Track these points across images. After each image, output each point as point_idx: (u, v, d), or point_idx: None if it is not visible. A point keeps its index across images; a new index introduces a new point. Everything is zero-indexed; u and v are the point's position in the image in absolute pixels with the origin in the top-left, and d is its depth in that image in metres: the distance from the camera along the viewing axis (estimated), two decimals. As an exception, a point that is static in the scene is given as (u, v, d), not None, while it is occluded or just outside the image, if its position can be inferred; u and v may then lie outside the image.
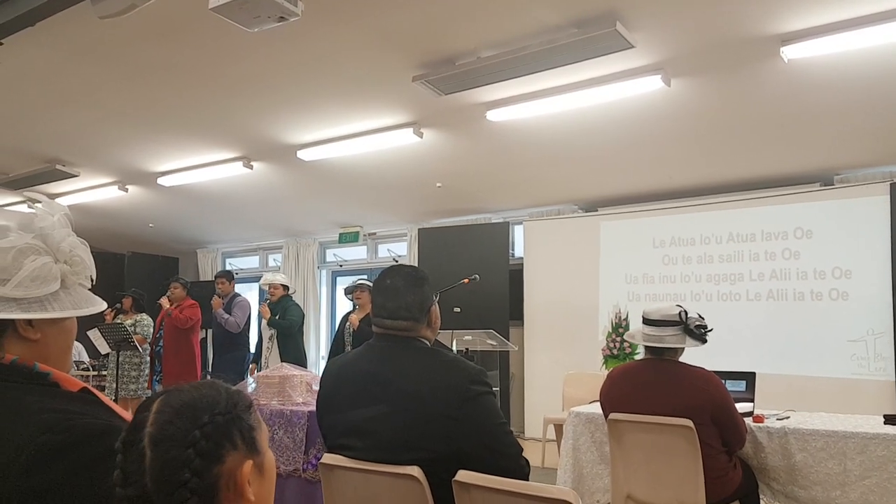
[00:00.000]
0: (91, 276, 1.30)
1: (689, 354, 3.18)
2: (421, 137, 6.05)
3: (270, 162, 7.13)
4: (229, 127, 6.25)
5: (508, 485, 1.79)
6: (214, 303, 7.05)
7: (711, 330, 3.21)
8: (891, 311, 5.95)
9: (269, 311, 6.56)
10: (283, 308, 6.57)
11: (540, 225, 8.12)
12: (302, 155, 6.66)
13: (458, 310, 7.27)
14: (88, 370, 8.69)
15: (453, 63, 4.72)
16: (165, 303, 7.28)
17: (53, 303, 1.21)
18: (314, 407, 2.27)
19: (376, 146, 6.33)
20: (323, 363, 9.87)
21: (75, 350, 8.54)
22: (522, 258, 8.18)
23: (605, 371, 5.51)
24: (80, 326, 1.34)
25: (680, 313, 3.14)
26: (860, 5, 3.91)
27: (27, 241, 1.20)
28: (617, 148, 6.23)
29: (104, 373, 8.14)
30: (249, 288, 10.70)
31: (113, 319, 7.29)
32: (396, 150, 6.46)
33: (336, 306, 10.56)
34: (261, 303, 6.77)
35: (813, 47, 4.25)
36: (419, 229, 8.85)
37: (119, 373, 7.05)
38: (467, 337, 5.67)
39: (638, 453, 3.14)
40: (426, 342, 2.16)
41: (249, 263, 11.42)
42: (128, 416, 1.24)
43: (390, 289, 2.14)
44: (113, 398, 6.81)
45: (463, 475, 1.86)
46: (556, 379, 6.55)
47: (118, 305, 7.47)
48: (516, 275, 8.05)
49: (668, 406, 2.99)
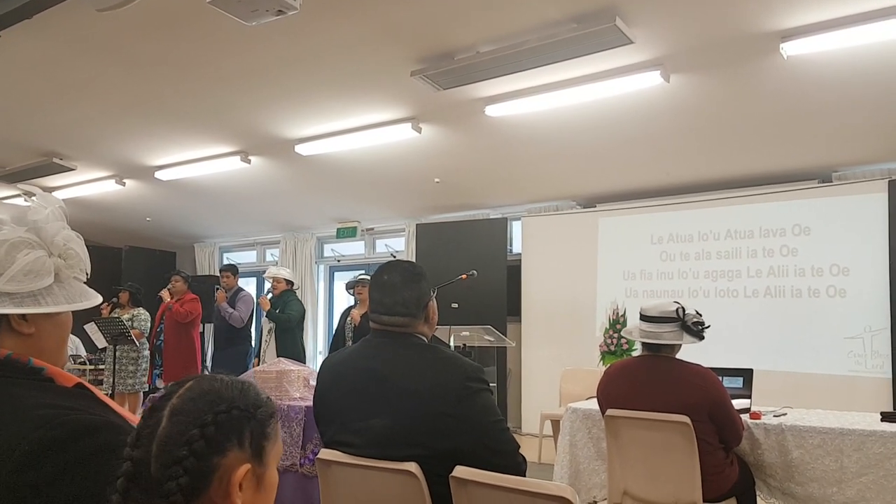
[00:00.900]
0: (86, 270, 1.29)
1: (687, 351, 3.18)
2: (419, 132, 6.03)
3: (268, 156, 7.11)
4: (227, 121, 6.23)
5: (505, 481, 1.79)
6: (219, 296, 7.03)
7: (709, 326, 3.21)
8: (888, 309, 5.95)
9: (269, 304, 6.55)
10: (284, 303, 6.56)
11: (538, 221, 8.11)
12: (300, 149, 6.64)
13: (456, 305, 7.27)
14: (85, 364, 8.68)
15: (452, 58, 4.71)
16: (166, 296, 7.26)
17: (47, 297, 1.20)
18: (311, 402, 2.26)
19: (374, 141, 6.32)
20: (320, 358, 9.87)
21: (72, 344, 8.53)
22: (520, 254, 8.18)
23: (603, 367, 5.51)
24: (77, 320, 1.33)
25: (677, 310, 3.14)
26: (860, 2, 3.89)
27: (20, 235, 1.19)
28: (615, 144, 6.22)
29: (101, 367, 8.13)
30: (247, 282, 10.71)
31: (110, 314, 7.28)
32: (395, 146, 6.45)
33: (334, 301, 10.55)
34: (263, 295, 6.75)
35: (812, 44, 4.25)
36: (417, 225, 8.84)
37: (116, 367, 7.04)
38: (465, 333, 5.68)
39: (635, 450, 3.14)
40: (423, 338, 2.15)
41: (247, 258, 11.40)
42: (123, 412, 1.24)
43: (387, 284, 2.13)
44: (110, 393, 6.80)
45: (460, 471, 1.86)
46: (554, 375, 6.56)
47: (115, 300, 7.46)
48: (514, 271, 8.05)
49: (665, 402, 2.99)
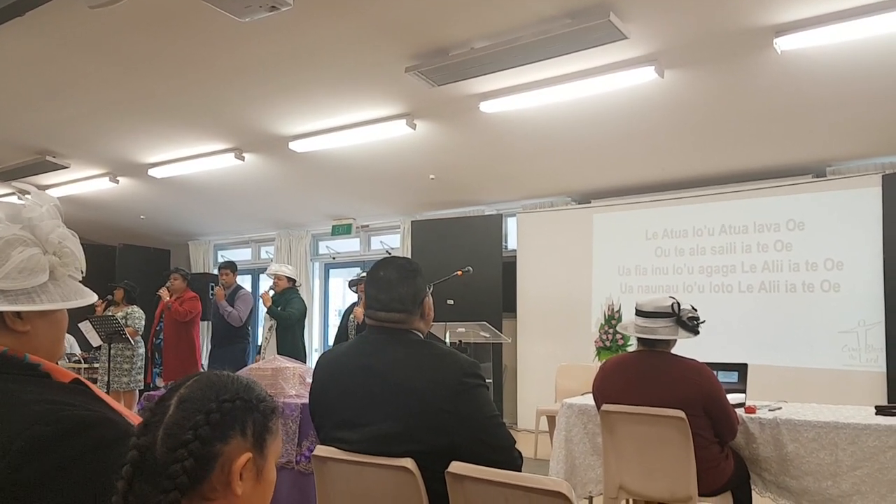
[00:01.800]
0: (81, 269, 1.29)
1: (682, 346, 3.18)
2: (414, 129, 6.03)
3: (262, 153, 7.10)
4: (221, 118, 6.21)
5: (502, 476, 1.79)
6: (218, 294, 7.00)
7: (704, 322, 3.21)
8: (882, 303, 5.98)
9: (271, 300, 6.53)
10: (286, 300, 6.54)
11: (533, 217, 8.12)
12: (294, 146, 6.63)
13: (452, 302, 7.27)
14: (80, 363, 8.66)
15: (446, 54, 4.70)
16: (165, 294, 7.21)
17: (42, 295, 1.20)
18: (307, 399, 2.26)
19: (369, 138, 6.31)
20: (316, 356, 9.86)
21: (67, 342, 8.49)
22: (515, 250, 8.18)
23: (598, 363, 5.52)
24: (72, 319, 1.33)
25: (672, 305, 3.14)
26: (853, -3, 3.91)
27: (14, 233, 1.19)
28: (610, 139, 6.23)
29: (96, 365, 8.11)
30: (242, 280, 10.67)
31: (104, 311, 7.26)
32: (389, 142, 6.44)
33: (329, 299, 10.55)
34: (265, 291, 6.72)
35: (806, 38, 4.25)
36: (412, 221, 8.84)
37: (111, 365, 7.02)
38: (460, 329, 5.68)
39: (630, 444, 3.15)
40: (419, 334, 2.15)
41: (242, 256, 11.37)
42: (120, 408, 1.24)
43: (383, 281, 2.13)
44: (105, 391, 6.78)
45: (456, 467, 1.86)
46: (549, 371, 6.57)
47: (109, 297, 7.43)
48: (509, 267, 8.06)
49: (661, 397, 3.00)
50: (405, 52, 4.74)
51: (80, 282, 1.30)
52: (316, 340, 10.27)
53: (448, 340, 5.45)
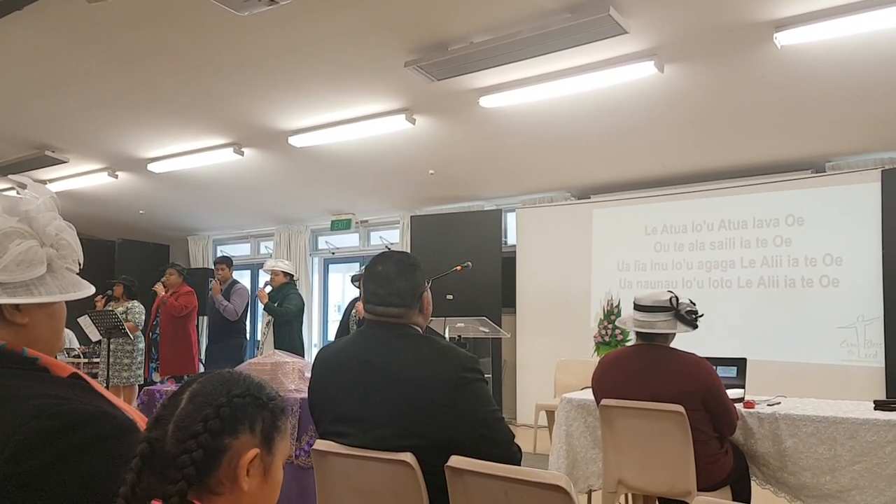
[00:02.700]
0: (78, 261, 1.29)
1: (681, 340, 3.19)
2: (413, 124, 6.02)
3: (261, 148, 7.09)
4: (220, 112, 6.20)
5: (501, 470, 1.79)
6: (214, 288, 7.00)
7: (702, 315, 3.21)
8: (881, 298, 5.98)
9: (267, 297, 6.52)
10: (284, 296, 6.53)
11: (532, 212, 8.12)
12: (293, 141, 6.62)
13: (451, 297, 7.28)
14: (79, 357, 8.66)
15: (446, 48, 4.69)
16: (160, 289, 7.22)
17: (40, 287, 1.20)
18: (306, 394, 2.26)
19: (368, 132, 6.30)
20: (315, 351, 9.87)
21: (66, 337, 8.50)
22: (515, 245, 8.18)
23: (597, 358, 5.52)
24: (71, 313, 1.32)
25: (671, 299, 3.14)
26: (854, -9, 3.90)
27: (12, 225, 1.19)
28: (610, 134, 6.22)
29: (96, 360, 8.11)
30: (241, 275, 10.68)
31: (104, 307, 7.25)
32: (389, 137, 6.43)
33: (328, 294, 10.55)
34: (261, 287, 6.71)
35: (806, 33, 4.25)
36: (412, 216, 8.84)
37: (111, 360, 7.02)
38: (460, 324, 5.67)
39: (629, 439, 3.15)
40: (418, 329, 2.15)
41: (241, 251, 11.38)
42: (119, 402, 1.24)
43: (382, 275, 2.13)
44: (105, 386, 6.78)
45: (455, 461, 1.86)
46: (548, 366, 6.57)
47: (109, 293, 7.43)
48: (509, 262, 8.06)
49: (660, 392, 3.00)
50: (404, 47, 4.73)
51: (78, 274, 1.30)
52: (315, 335, 10.28)
53: (447, 335, 5.45)
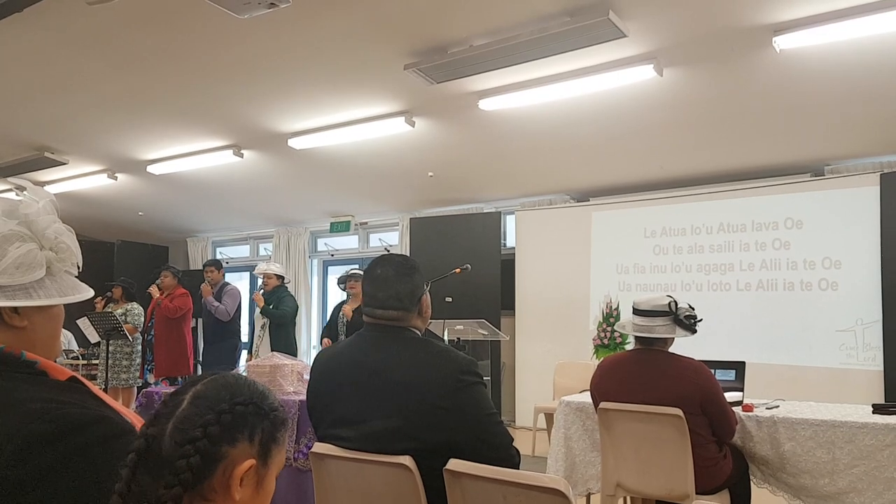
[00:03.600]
0: (77, 264, 1.29)
1: (680, 344, 3.19)
2: (413, 126, 6.02)
3: (261, 150, 7.09)
4: (219, 114, 6.21)
5: (499, 474, 1.79)
6: (204, 290, 7.01)
7: (701, 320, 3.22)
8: (880, 302, 5.98)
9: (263, 300, 6.52)
10: (278, 298, 6.53)
11: (532, 215, 8.12)
12: (293, 143, 6.62)
13: (450, 299, 7.26)
14: (78, 359, 8.65)
15: (445, 51, 4.70)
16: (155, 291, 7.23)
17: (39, 290, 1.20)
18: (304, 396, 2.26)
19: (368, 135, 6.31)
20: (314, 353, 9.87)
21: (65, 339, 8.50)
22: (514, 248, 8.18)
23: (596, 361, 5.52)
24: (70, 315, 1.32)
25: (670, 304, 3.14)
26: (852, -5, 3.91)
27: (11, 228, 1.19)
28: (609, 137, 6.23)
29: (95, 362, 8.10)
30: (240, 277, 10.68)
31: (103, 308, 7.26)
32: (388, 139, 6.43)
33: (327, 296, 10.54)
34: (256, 291, 6.72)
35: (805, 37, 4.26)
36: (411, 219, 8.84)
37: (110, 362, 7.02)
38: (459, 326, 5.68)
39: (628, 442, 3.15)
40: (417, 332, 2.15)
41: (240, 252, 11.38)
42: (117, 406, 1.24)
43: (381, 278, 2.13)
44: (103, 388, 6.78)
45: (454, 464, 1.86)
46: (547, 368, 6.57)
47: (108, 294, 7.43)
48: (508, 265, 8.06)
49: (658, 395, 3.00)
50: (404, 50, 4.73)
51: (77, 277, 1.30)
52: (314, 338, 10.26)
53: (446, 338, 5.45)
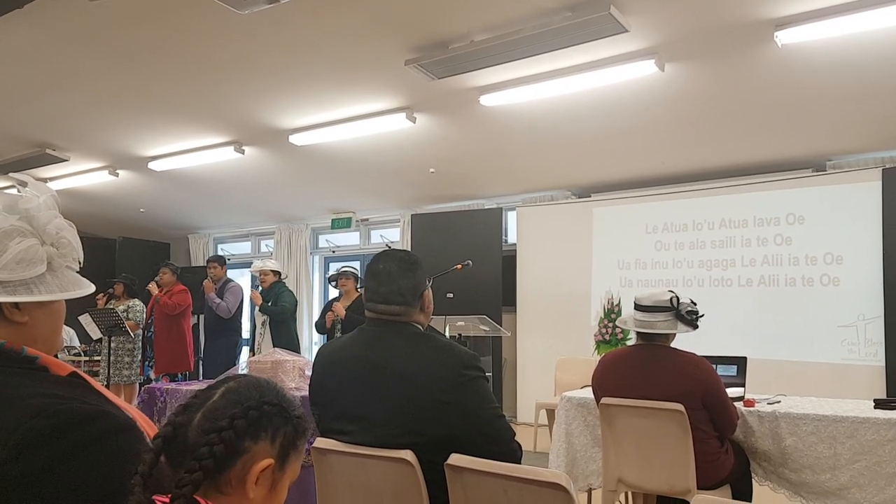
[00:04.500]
0: (78, 259, 1.29)
1: (681, 339, 3.19)
2: (414, 122, 6.02)
3: (262, 146, 7.09)
4: (220, 111, 6.20)
5: (501, 468, 1.79)
6: (206, 286, 7.01)
7: (703, 315, 3.21)
8: (881, 297, 5.98)
9: (261, 298, 6.52)
10: (276, 294, 6.53)
11: (533, 211, 8.11)
12: (294, 139, 6.62)
13: (451, 295, 7.27)
14: (80, 356, 8.66)
15: (446, 46, 4.69)
16: (154, 288, 7.24)
17: (40, 286, 1.20)
18: (307, 392, 2.26)
19: (369, 131, 6.30)
20: (315, 349, 9.87)
21: (66, 335, 8.52)
22: (515, 244, 8.18)
23: (597, 356, 5.52)
24: (71, 312, 1.32)
25: (671, 299, 3.14)
26: (854, -10, 3.90)
27: (12, 223, 1.18)
28: (610, 133, 6.22)
29: (97, 358, 8.12)
30: (242, 273, 10.67)
31: (105, 305, 7.27)
32: (389, 135, 6.43)
33: (328, 292, 10.55)
34: (253, 288, 6.73)
35: (807, 32, 4.25)
36: (412, 215, 8.83)
37: (112, 359, 7.03)
38: (460, 322, 5.67)
39: (629, 438, 3.15)
40: (419, 327, 2.15)
41: (241, 249, 11.38)
42: (119, 401, 1.24)
43: (383, 273, 2.13)
44: (105, 384, 6.79)
45: (455, 459, 1.86)
46: (549, 364, 6.57)
47: (110, 291, 7.45)
48: (509, 260, 8.06)
49: (660, 391, 3.00)
50: (405, 45, 4.73)
51: (79, 272, 1.30)
52: (315, 334, 10.27)
53: (447, 333, 5.45)
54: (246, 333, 7.68)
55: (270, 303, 6.48)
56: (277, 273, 6.68)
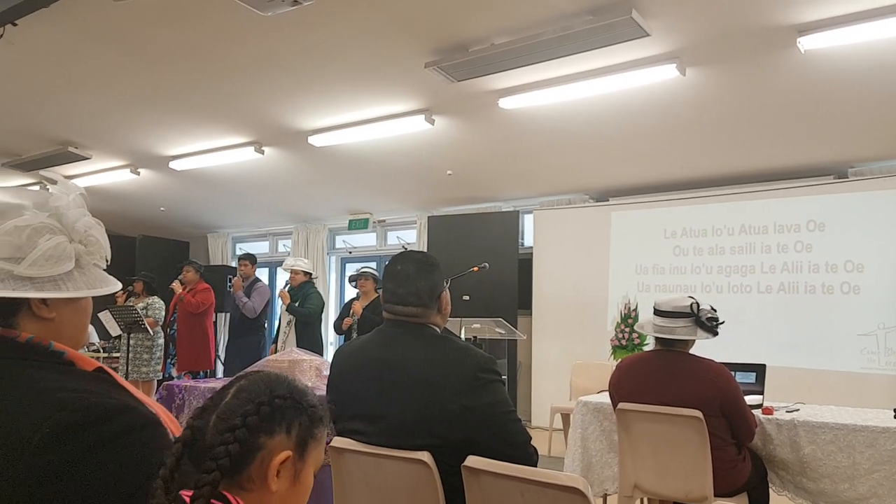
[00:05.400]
0: (106, 257, 1.31)
1: (699, 345, 3.17)
2: (432, 124, 6.03)
3: (282, 147, 7.13)
4: (241, 111, 6.25)
5: (518, 471, 1.79)
6: (235, 283, 7.05)
7: (723, 322, 3.19)
8: (903, 306, 5.91)
9: (289, 297, 6.54)
10: (304, 295, 6.54)
11: (550, 214, 8.10)
12: (313, 140, 6.65)
13: (467, 298, 7.28)
14: (99, 352, 8.75)
15: (466, 49, 4.70)
16: (177, 286, 7.30)
17: (68, 282, 1.21)
18: (324, 391, 2.27)
19: (387, 133, 6.32)
20: (332, 349, 9.91)
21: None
22: (532, 247, 8.17)
23: (613, 361, 5.50)
24: (92, 308, 1.34)
25: (692, 305, 3.12)
26: (879, -5, 3.86)
27: (42, 220, 1.20)
28: (629, 137, 6.19)
29: (116, 355, 8.20)
30: (260, 273, 10.73)
31: (125, 302, 7.34)
32: (407, 137, 6.44)
33: (345, 293, 10.58)
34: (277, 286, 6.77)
35: (830, 38, 4.21)
36: (429, 217, 8.84)
37: (131, 355, 7.10)
38: (476, 325, 5.67)
39: (646, 443, 3.14)
40: (436, 328, 2.15)
41: (259, 248, 11.44)
42: (142, 396, 1.25)
43: (401, 274, 2.14)
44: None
45: (472, 461, 1.86)
46: (564, 368, 6.56)
47: (130, 288, 7.52)
48: (525, 264, 8.04)
49: (678, 397, 2.99)
50: (425, 48, 4.74)
51: (104, 270, 1.32)
52: (332, 334, 10.31)
53: (463, 336, 5.45)
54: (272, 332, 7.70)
55: (298, 303, 6.49)
56: (309, 274, 6.69)
